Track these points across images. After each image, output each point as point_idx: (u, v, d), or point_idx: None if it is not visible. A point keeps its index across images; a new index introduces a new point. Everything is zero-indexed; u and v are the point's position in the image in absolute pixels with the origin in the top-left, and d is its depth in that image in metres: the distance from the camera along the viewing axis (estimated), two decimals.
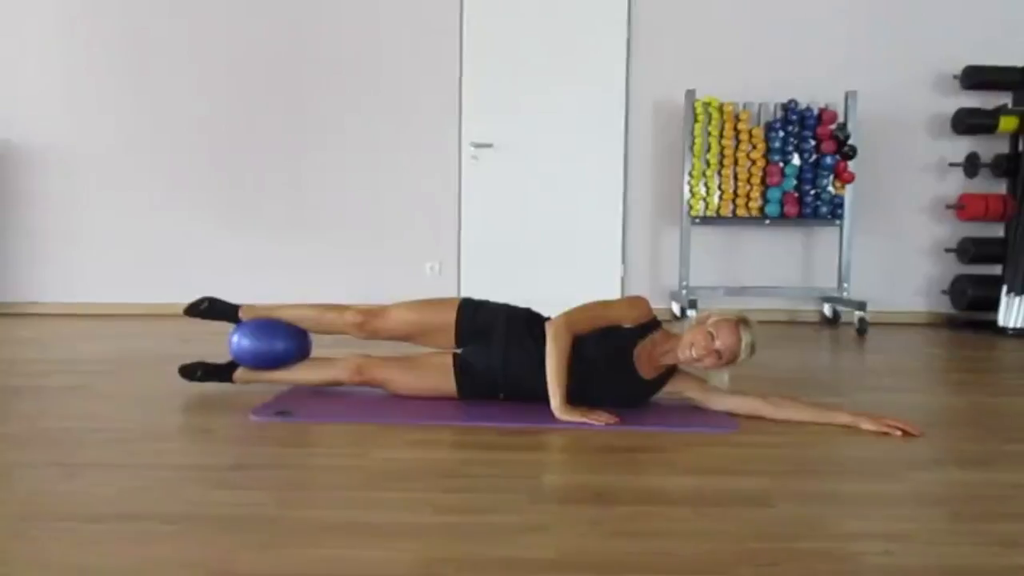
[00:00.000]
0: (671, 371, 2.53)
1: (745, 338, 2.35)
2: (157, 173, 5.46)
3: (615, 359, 2.46)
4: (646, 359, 2.48)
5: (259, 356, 2.68)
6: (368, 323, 2.67)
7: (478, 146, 5.42)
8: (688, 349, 2.36)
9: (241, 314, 2.76)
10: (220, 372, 2.77)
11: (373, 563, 1.38)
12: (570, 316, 2.45)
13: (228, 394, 2.74)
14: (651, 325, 2.49)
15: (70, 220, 5.46)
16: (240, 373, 2.76)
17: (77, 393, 2.75)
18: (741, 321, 2.37)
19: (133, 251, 5.46)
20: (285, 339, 2.68)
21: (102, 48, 5.42)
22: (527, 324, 2.56)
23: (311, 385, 2.76)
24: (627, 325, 2.47)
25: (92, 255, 5.46)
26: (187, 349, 3.78)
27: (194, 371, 2.77)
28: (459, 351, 2.62)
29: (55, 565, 1.36)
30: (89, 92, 5.43)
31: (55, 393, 2.76)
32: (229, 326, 2.76)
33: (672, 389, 2.56)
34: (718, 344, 2.33)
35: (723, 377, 2.47)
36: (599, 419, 2.33)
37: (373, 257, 5.46)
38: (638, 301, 2.54)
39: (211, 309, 2.78)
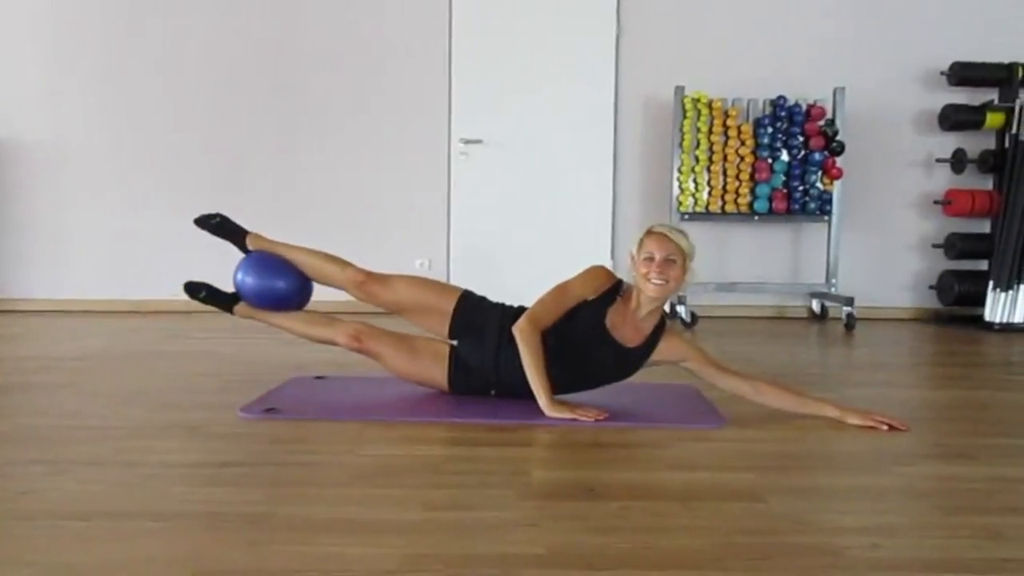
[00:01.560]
0: (657, 334, 2.46)
1: (679, 241, 2.37)
2: (145, 169, 5.43)
3: (590, 335, 2.42)
4: (623, 324, 2.43)
5: (260, 293, 2.64)
6: (368, 284, 2.62)
7: (468, 142, 5.41)
8: (646, 283, 2.35)
9: (248, 241, 2.73)
10: (222, 300, 2.74)
11: (362, 559, 1.37)
12: (532, 314, 2.42)
13: (216, 391, 2.73)
14: (614, 289, 2.46)
15: (57, 216, 5.42)
16: (241, 307, 2.72)
17: (64, 390, 2.73)
18: (670, 230, 2.40)
19: (120, 247, 5.43)
20: (287, 280, 2.65)
21: (89, 43, 5.39)
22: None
23: (307, 338, 2.70)
24: (591, 298, 2.44)
25: (79, 251, 5.43)
26: (177, 347, 3.76)
27: (198, 290, 2.75)
28: (455, 344, 2.59)
29: (41, 563, 1.35)
30: (76, 87, 5.40)
31: (41, 390, 2.74)
32: (222, 321, 2.75)
33: (666, 357, 2.49)
34: (658, 256, 2.34)
35: (688, 281, 2.43)
36: (588, 415, 2.33)
37: (362, 253, 5.38)
38: (593, 270, 2.49)
39: (221, 226, 2.76)
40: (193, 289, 2.75)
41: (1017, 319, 4.91)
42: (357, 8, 5.39)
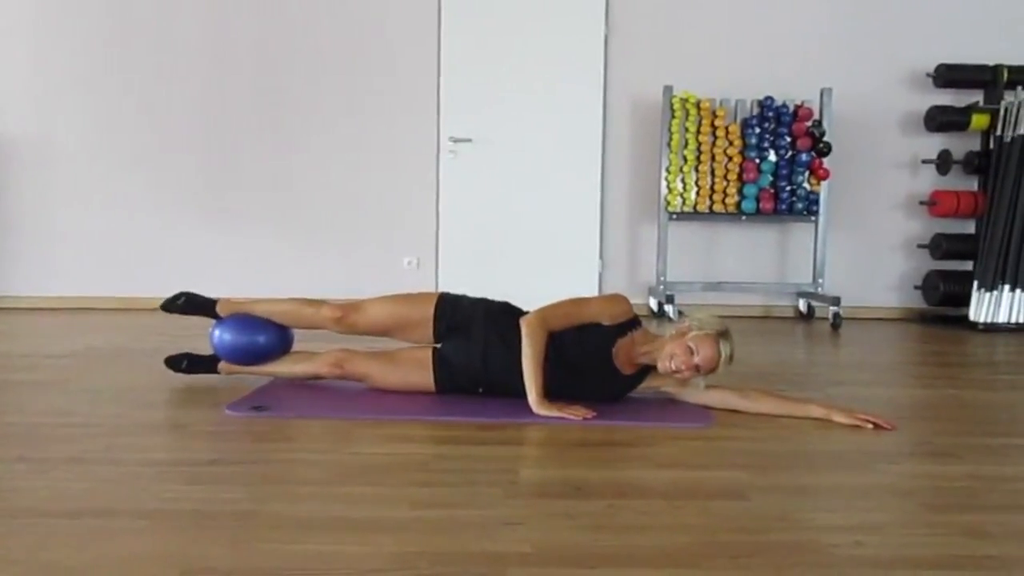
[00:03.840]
0: (648, 369, 2.54)
1: (724, 351, 2.36)
2: (132, 167, 5.40)
3: (594, 356, 2.47)
4: (624, 356, 2.49)
5: (241, 351, 2.67)
6: (346, 318, 2.66)
7: (456, 141, 5.41)
8: (668, 360, 2.37)
9: (219, 308, 2.75)
10: (205, 363, 2.78)
11: (349, 558, 1.37)
12: (544, 312, 2.46)
13: (203, 389, 2.72)
14: (631, 323, 2.50)
15: (44, 214, 5.39)
16: (224, 364, 2.76)
17: (50, 388, 2.71)
18: (721, 335, 2.37)
19: (107, 245, 5.40)
20: (267, 334, 2.69)
21: (77, 42, 5.35)
22: (505, 318, 2.56)
23: (292, 378, 2.76)
24: (606, 323, 2.48)
25: (66, 249, 5.39)
26: (164, 344, 3.74)
27: (179, 362, 2.80)
28: (437, 346, 2.62)
29: (24, 561, 1.34)
30: (63, 85, 5.36)
31: (27, 387, 2.72)
32: (206, 321, 2.76)
33: (649, 384, 2.58)
34: (697, 360, 2.34)
35: (699, 382, 2.49)
36: (576, 414, 2.34)
37: (351, 252, 5.44)
38: (617, 299, 2.54)
39: (189, 304, 2.78)
40: (174, 363, 2.81)
41: (1001, 319, 4.94)
42: (346, 6, 5.37)
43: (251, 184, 5.41)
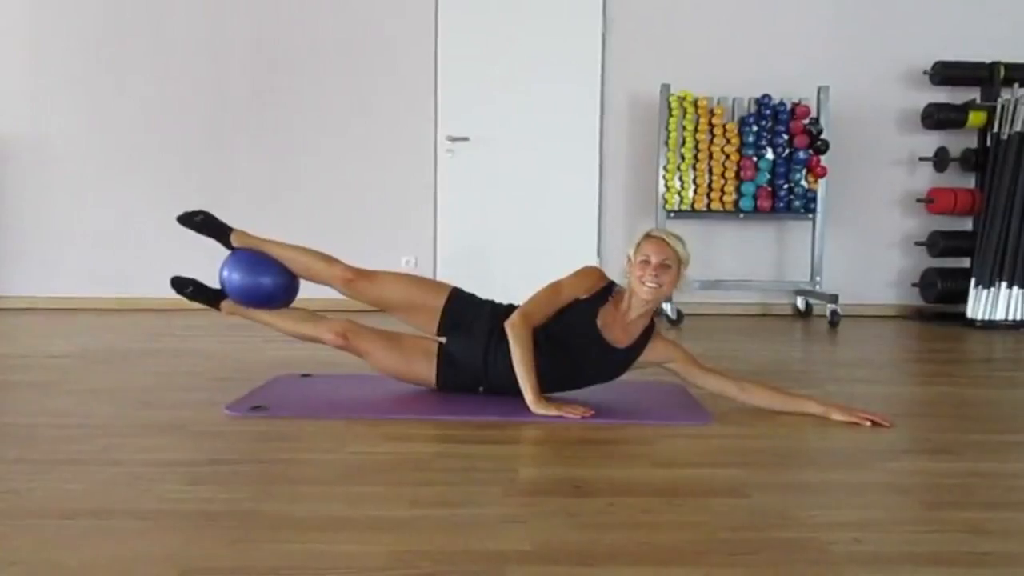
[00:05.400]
0: (646, 336, 2.49)
1: (676, 247, 2.41)
2: (130, 167, 5.39)
3: (581, 334, 2.44)
4: (613, 325, 2.45)
5: (246, 290, 2.62)
6: (356, 282, 2.60)
7: (454, 140, 5.41)
8: (638, 284, 2.37)
9: (233, 238, 2.70)
10: (209, 296, 2.72)
11: (349, 557, 1.37)
12: (524, 310, 2.44)
13: (202, 389, 2.72)
14: (606, 289, 2.48)
15: (41, 214, 5.38)
16: (227, 304, 2.70)
17: (48, 388, 2.71)
18: (668, 235, 2.43)
19: (105, 244, 5.39)
20: (273, 276, 2.63)
21: (74, 41, 5.34)
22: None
23: (293, 335, 2.69)
24: (583, 297, 2.46)
25: (64, 249, 5.39)
26: (162, 344, 3.74)
27: (185, 285, 2.73)
28: (443, 341, 2.59)
29: (26, 562, 1.34)
30: (61, 83, 5.35)
31: (25, 388, 2.72)
32: (206, 318, 2.75)
33: (653, 358, 2.52)
34: (654, 260, 2.36)
35: (689, 284, 2.51)
36: (574, 412, 2.34)
37: (349, 251, 5.36)
38: (586, 271, 2.51)
39: (205, 224, 2.72)
40: (180, 284, 2.74)
41: (998, 316, 4.95)
42: (343, 5, 5.37)
43: (248, 183, 5.40)
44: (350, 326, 2.59)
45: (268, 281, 2.62)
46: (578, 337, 2.45)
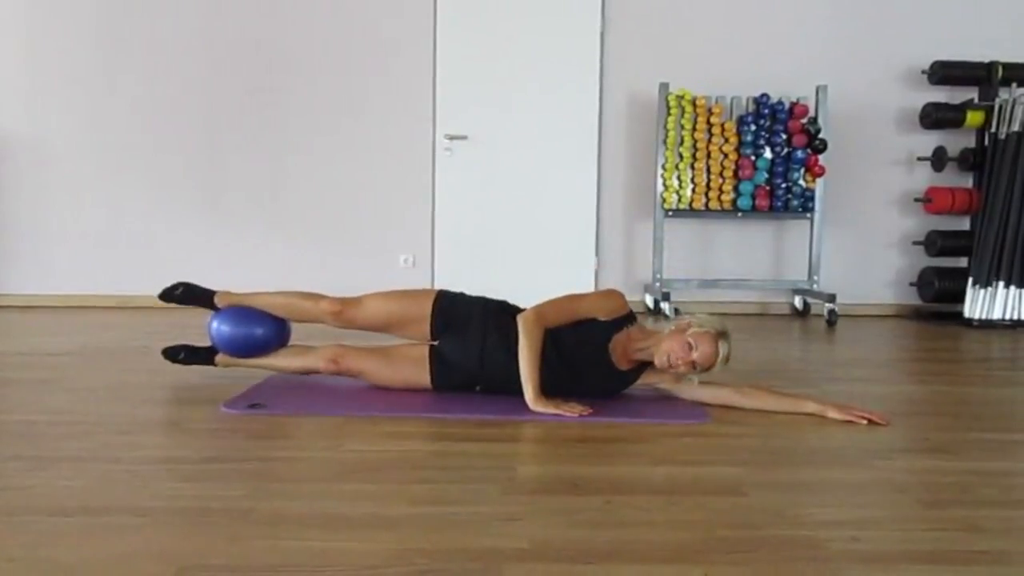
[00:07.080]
0: (646, 363, 2.55)
1: (722, 351, 2.38)
2: (127, 165, 5.39)
3: (591, 351, 2.48)
4: (621, 352, 2.50)
5: (239, 343, 2.67)
6: (344, 312, 2.65)
7: (452, 138, 5.40)
8: (665, 356, 2.38)
9: (217, 300, 2.75)
10: (203, 355, 2.78)
11: (347, 555, 1.37)
12: (540, 309, 2.46)
13: (199, 386, 2.71)
14: (626, 318, 2.51)
15: (39, 212, 5.37)
16: (222, 356, 2.76)
17: (45, 386, 2.71)
18: (720, 335, 2.38)
19: (102, 243, 5.39)
20: (264, 326, 2.68)
21: (70, 40, 5.33)
22: (503, 317, 2.56)
23: (288, 372, 2.76)
24: (602, 318, 2.48)
25: (61, 247, 5.38)
26: (159, 341, 3.74)
27: (177, 353, 2.80)
28: (434, 343, 2.62)
29: (22, 559, 1.34)
30: (58, 82, 5.34)
31: (22, 385, 2.72)
32: (201, 317, 2.76)
33: (645, 380, 2.59)
34: (695, 356, 2.35)
35: (693, 379, 2.51)
36: (572, 411, 2.34)
37: (347, 249, 5.44)
38: (612, 294, 2.55)
39: (186, 294, 2.77)
40: (171, 353, 2.82)
41: (996, 315, 4.96)
42: (341, 5, 5.36)
43: (246, 182, 5.40)
44: (339, 350, 2.66)
45: (260, 331, 2.69)
46: (587, 354, 2.48)
